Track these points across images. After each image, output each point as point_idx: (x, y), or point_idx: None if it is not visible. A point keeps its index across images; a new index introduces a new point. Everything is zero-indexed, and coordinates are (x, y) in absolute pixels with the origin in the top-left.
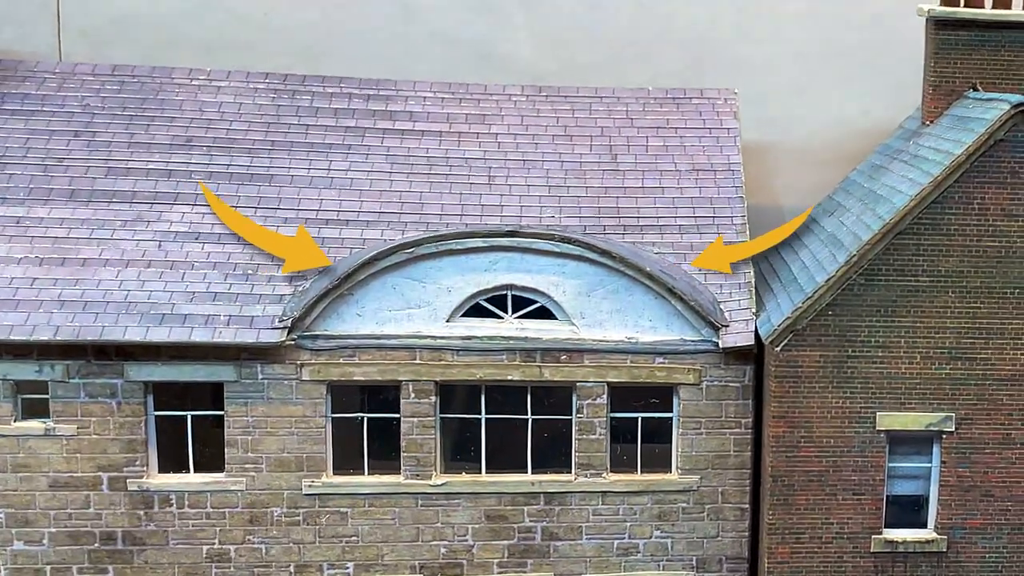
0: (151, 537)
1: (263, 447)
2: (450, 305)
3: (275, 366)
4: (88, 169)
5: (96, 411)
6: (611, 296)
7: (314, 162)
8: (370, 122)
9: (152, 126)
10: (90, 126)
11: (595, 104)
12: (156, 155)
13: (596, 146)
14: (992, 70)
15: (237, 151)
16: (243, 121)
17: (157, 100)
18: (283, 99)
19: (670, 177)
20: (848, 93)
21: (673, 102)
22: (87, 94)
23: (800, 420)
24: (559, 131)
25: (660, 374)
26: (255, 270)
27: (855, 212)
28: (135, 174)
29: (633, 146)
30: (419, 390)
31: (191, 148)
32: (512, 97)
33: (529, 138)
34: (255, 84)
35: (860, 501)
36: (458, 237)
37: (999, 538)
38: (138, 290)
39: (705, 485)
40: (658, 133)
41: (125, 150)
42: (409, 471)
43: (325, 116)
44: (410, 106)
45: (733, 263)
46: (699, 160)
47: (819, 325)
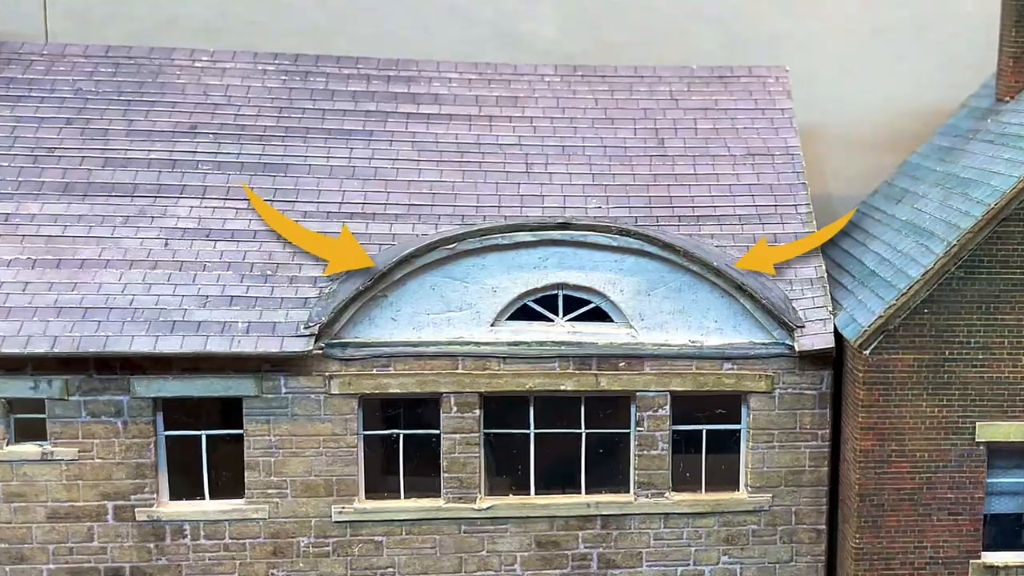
0: (162, 573)
1: (288, 469)
2: (495, 307)
3: (301, 378)
4: (83, 160)
5: (99, 432)
6: (673, 295)
7: (333, 150)
8: (392, 106)
9: (152, 112)
10: (83, 112)
11: (635, 84)
12: (158, 144)
13: (640, 129)
14: None
15: (247, 139)
16: (252, 106)
17: (157, 84)
18: (295, 81)
19: (724, 163)
20: (897, 71)
21: (720, 81)
22: (79, 78)
23: (891, 432)
24: (599, 114)
25: (728, 381)
26: (274, 270)
27: (936, 198)
28: (135, 165)
29: (680, 129)
30: (462, 403)
31: (196, 136)
32: (545, 77)
33: (567, 121)
34: (264, 66)
35: (956, 522)
36: (505, 230)
37: None
38: (144, 294)
39: (777, 504)
40: (707, 115)
41: (123, 138)
42: (451, 493)
43: (342, 100)
44: (434, 88)
45: (793, 259)
46: (754, 144)
47: (913, 325)
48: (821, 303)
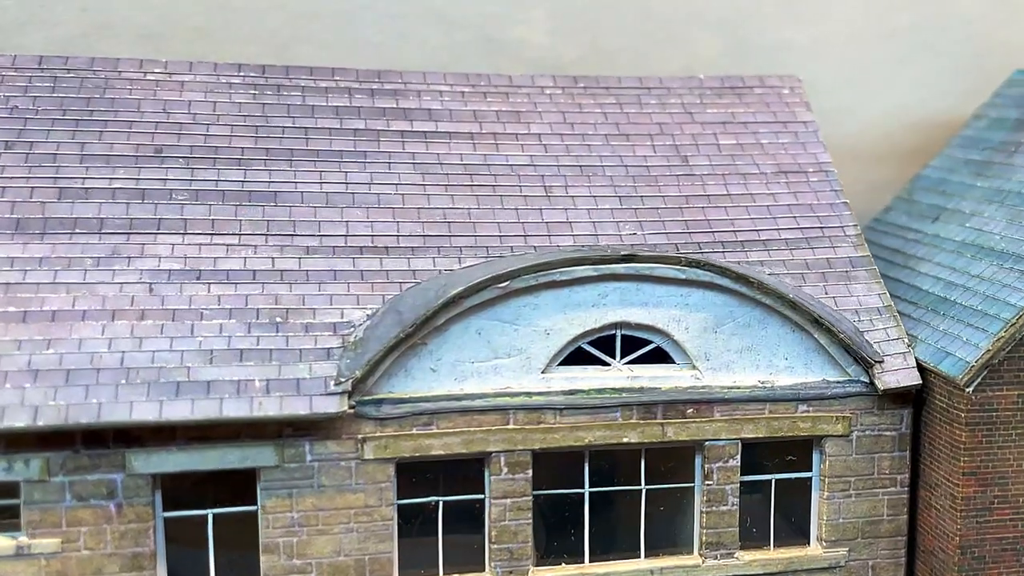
0: None
1: (312, 550)
2: (548, 352)
3: (329, 443)
4: (32, 191)
5: (87, 518)
6: (741, 331)
7: (325, 175)
8: (382, 123)
9: (106, 132)
10: (24, 135)
11: (643, 96)
12: (120, 170)
13: (659, 146)
14: None
15: (224, 163)
16: (223, 124)
17: (106, 100)
18: (267, 96)
19: (756, 181)
20: (901, 82)
21: (732, 92)
22: (11, 93)
23: (994, 476)
24: (611, 129)
25: (804, 425)
26: (285, 316)
27: (998, 216)
28: (97, 195)
29: (702, 145)
30: (513, 463)
31: (164, 160)
32: (545, 90)
33: (578, 139)
34: (227, 78)
35: None
36: (564, 265)
37: None
38: (136, 350)
39: (854, 559)
40: (726, 129)
41: (77, 164)
42: (499, 566)
43: (325, 116)
44: (425, 103)
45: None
46: (783, 160)
47: (1019, 358)
48: (895, 335)
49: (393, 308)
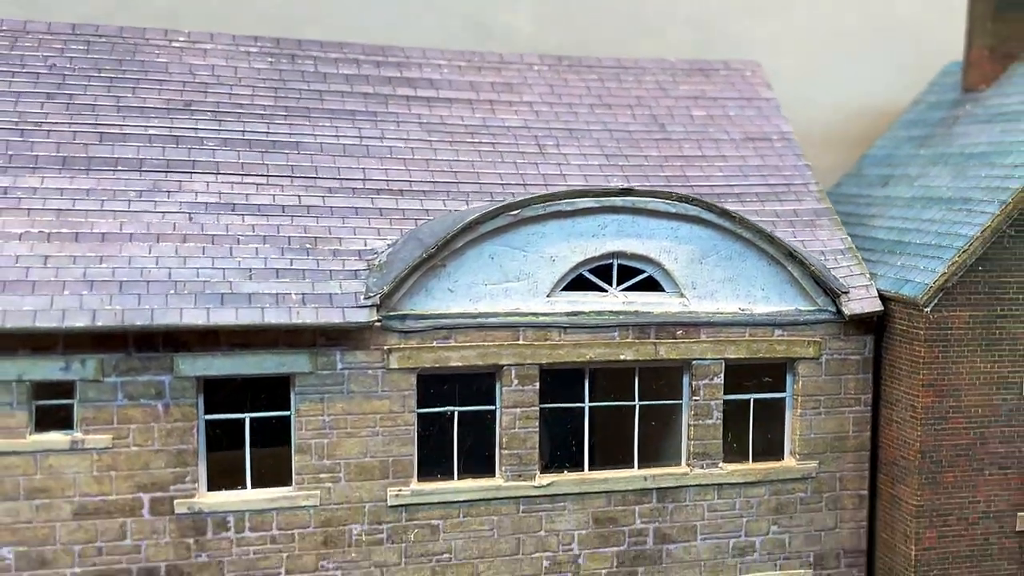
0: (202, 571)
1: (341, 451)
2: (553, 277)
3: (358, 353)
4: (76, 135)
5: (137, 416)
6: (724, 263)
7: (341, 129)
8: (389, 88)
9: (139, 89)
10: (64, 88)
11: (622, 74)
12: (154, 120)
13: (639, 115)
14: None
15: (248, 117)
16: (244, 85)
17: (136, 62)
18: (283, 64)
19: (727, 146)
20: (849, 73)
21: (700, 72)
22: (49, 54)
23: (949, 388)
24: (595, 100)
25: (779, 348)
26: (314, 244)
27: (944, 174)
28: (135, 140)
29: (677, 115)
30: (523, 375)
31: (193, 112)
32: (533, 66)
33: (566, 107)
34: (246, 48)
35: (1006, 476)
36: (568, 196)
37: None
38: (182, 267)
39: (823, 471)
40: (697, 103)
41: (115, 115)
42: (509, 471)
43: (336, 82)
44: (426, 73)
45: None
46: (750, 129)
47: (969, 282)
48: (858, 271)
49: (414, 236)
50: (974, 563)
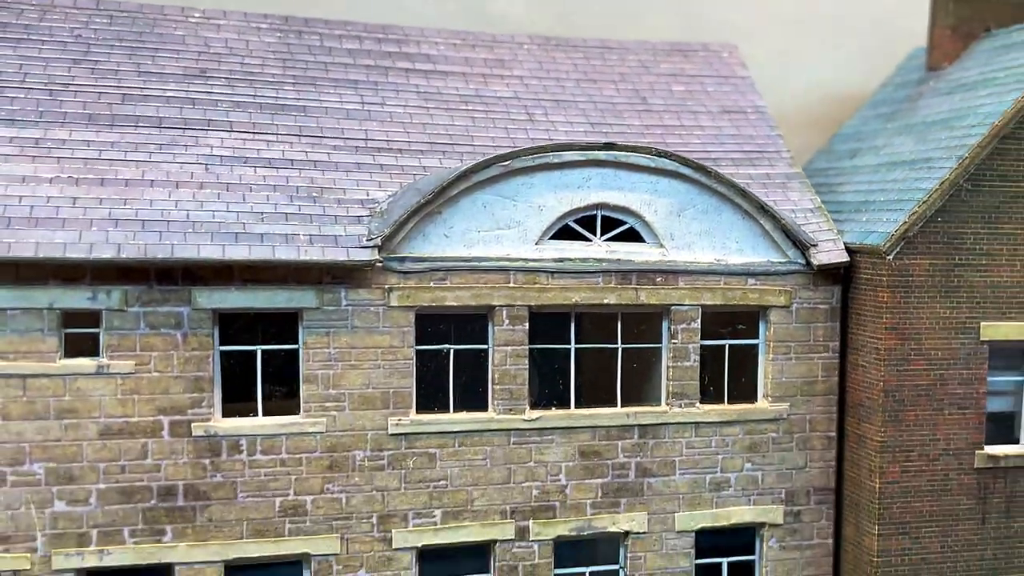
0: (217, 490)
1: (346, 382)
2: (541, 226)
3: (361, 291)
4: (100, 95)
5: (158, 344)
6: (700, 216)
7: (344, 96)
8: (389, 62)
9: (158, 57)
10: (89, 55)
11: (606, 53)
12: (172, 84)
13: (622, 89)
14: (996, 15)
15: (259, 83)
16: (256, 57)
17: (155, 34)
18: (291, 38)
19: (705, 118)
20: (821, 59)
21: (680, 53)
22: (75, 26)
23: (911, 332)
24: (581, 76)
25: (752, 296)
26: (320, 193)
27: (907, 142)
28: (155, 101)
29: (658, 90)
30: (513, 316)
31: (208, 79)
32: (523, 45)
33: (554, 81)
34: (256, 24)
35: (964, 415)
36: (555, 149)
37: None
38: (199, 210)
39: (794, 413)
40: (677, 79)
41: (136, 78)
42: (501, 405)
43: (340, 55)
44: (424, 49)
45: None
46: (726, 103)
47: (929, 232)
48: (826, 227)
49: (413, 186)
50: (934, 497)
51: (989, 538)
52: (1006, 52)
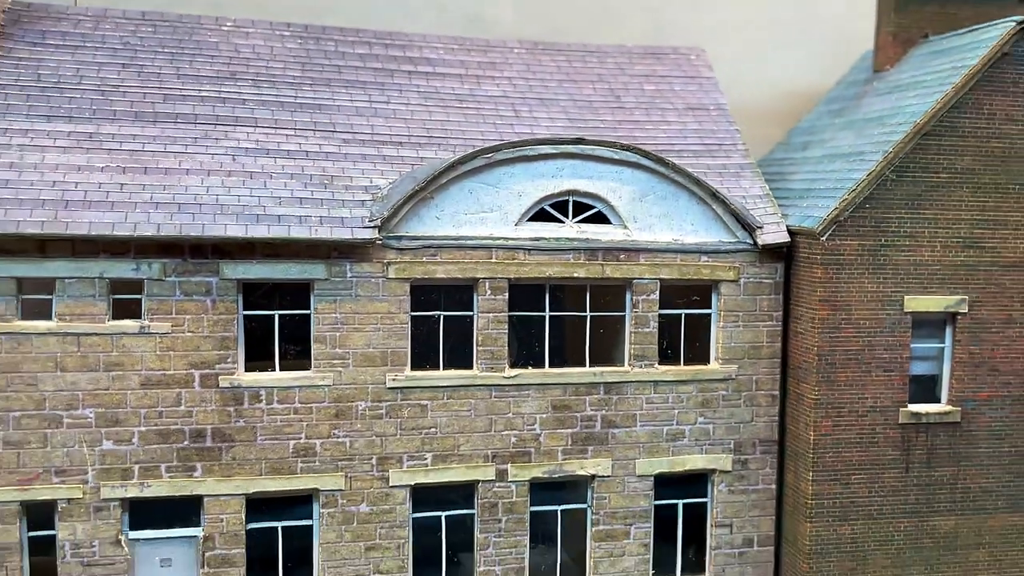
0: (240, 434)
1: (350, 343)
2: (520, 209)
3: (363, 264)
4: (145, 95)
5: (191, 309)
6: (660, 201)
7: (354, 95)
8: (394, 65)
9: (195, 62)
10: (136, 60)
11: (587, 56)
12: (206, 85)
13: (599, 89)
14: (939, 23)
15: (281, 84)
16: (279, 61)
17: (193, 41)
18: (310, 44)
19: (672, 114)
20: (782, 60)
21: (652, 56)
22: (124, 34)
23: (842, 304)
24: (563, 76)
25: (705, 271)
26: (330, 181)
27: (848, 137)
28: (191, 100)
29: (631, 89)
30: (495, 287)
31: (237, 80)
32: (514, 50)
33: (539, 81)
34: (280, 32)
35: (890, 377)
36: (532, 144)
37: (1003, 408)
38: (226, 195)
39: (741, 374)
40: (649, 79)
41: (175, 80)
42: (483, 364)
43: (352, 59)
44: (426, 53)
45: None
46: (691, 101)
47: (858, 217)
48: (772, 211)
49: (409, 175)
50: (863, 448)
51: (912, 485)
52: (936, 57)
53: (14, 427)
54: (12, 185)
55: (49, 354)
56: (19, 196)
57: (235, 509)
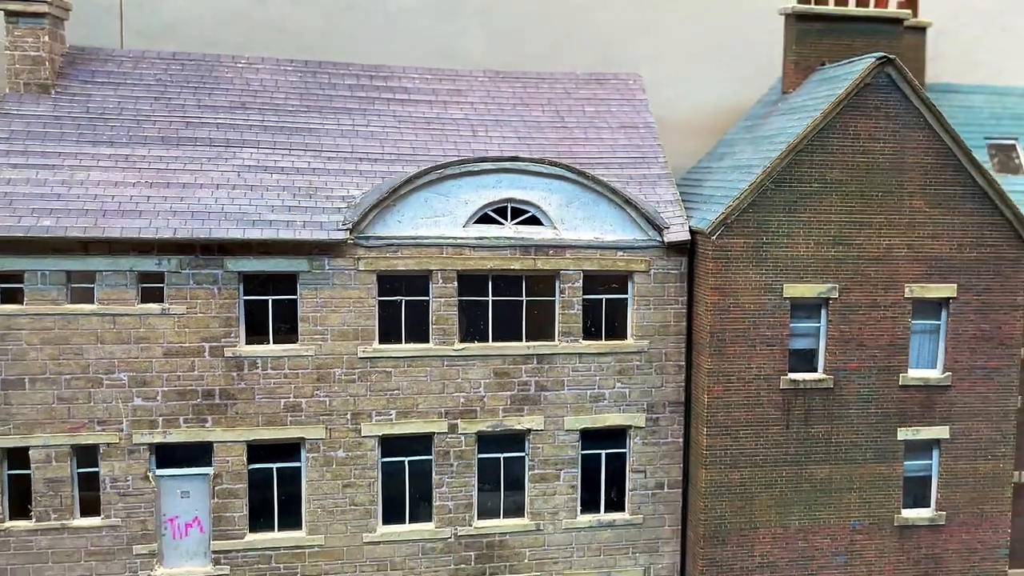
0: (241, 393)
1: (329, 322)
2: (467, 214)
3: (338, 259)
4: (171, 123)
5: (201, 295)
6: (583, 207)
7: (341, 119)
8: (376, 93)
9: (213, 94)
10: (166, 93)
11: (540, 83)
12: (221, 114)
13: (547, 111)
14: (836, 52)
15: (282, 111)
16: (281, 92)
17: (212, 76)
18: (308, 77)
19: (607, 132)
20: (713, 82)
21: (596, 81)
22: (157, 71)
23: (730, 290)
24: (517, 101)
25: (621, 264)
26: (315, 192)
27: (748, 151)
28: (208, 126)
29: (574, 110)
30: (446, 277)
31: (246, 109)
32: (478, 78)
33: (496, 105)
34: (284, 67)
35: (772, 351)
36: (475, 161)
37: (869, 377)
38: (230, 204)
39: (653, 348)
40: (590, 102)
41: (196, 110)
42: (437, 339)
43: (342, 89)
44: (403, 83)
45: (659, 188)
46: (624, 120)
47: (743, 220)
48: (679, 214)
49: (377, 188)
50: (749, 409)
51: (792, 439)
52: (822, 84)
53: (65, 387)
54: (63, 198)
55: (91, 330)
56: (68, 207)
57: (238, 453)
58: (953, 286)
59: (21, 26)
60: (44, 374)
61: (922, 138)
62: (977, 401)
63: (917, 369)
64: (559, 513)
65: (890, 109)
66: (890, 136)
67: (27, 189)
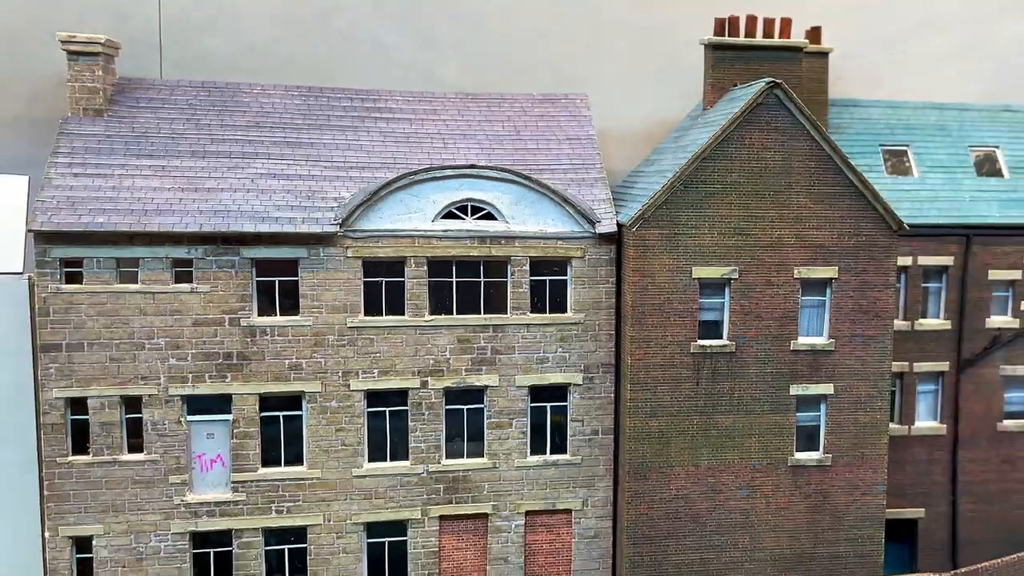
0: (254, 355)
1: (324, 297)
2: (435, 211)
3: (331, 248)
4: (199, 139)
5: (222, 277)
6: (530, 205)
7: (336, 135)
8: (366, 113)
9: (234, 115)
10: (195, 115)
11: (502, 103)
12: (239, 132)
13: (506, 126)
14: (746, 75)
15: (290, 129)
16: (289, 113)
17: (234, 101)
18: (311, 100)
19: (554, 143)
20: (652, 100)
21: (550, 101)
22: (188, 97)
23: (648, 273)
24: (482, 118)
25: (561, 251)
26: (312, 194)
27: (670, 159)
28: (229, 142)
29: (529, 125)
30: (417, 262)
31: (260, 128)
32: (450, 99)
33: (464, 122)
34: (291, 92)
35: (684, 321)
36: (441, 168)
37: (765, 343)
38: (245, 205)
39: (588, 320)
40: (543, 118)
41: (219, 128)
42: (412, 311)
43: (339, 110)
44: (389, 104)
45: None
46: (570, 133)
47: (658, 215)
48: (610, 210)
49: (362, 190)
50: (665, 369)
51: (701, 393)
52: (731, 103)
53: (115, 350)
54: (113, 201)
55: (136, 305)
56: (117, 207)
57: (252, 403)
58: (835, 268)
59: (80, 62)
60: (99, 339)
61: (806, 147)
62: (857, 364)
63: (806, 337)
64: (512, 454)
65: (779, 123)
66: (779, 146)
67: (85, 194)
